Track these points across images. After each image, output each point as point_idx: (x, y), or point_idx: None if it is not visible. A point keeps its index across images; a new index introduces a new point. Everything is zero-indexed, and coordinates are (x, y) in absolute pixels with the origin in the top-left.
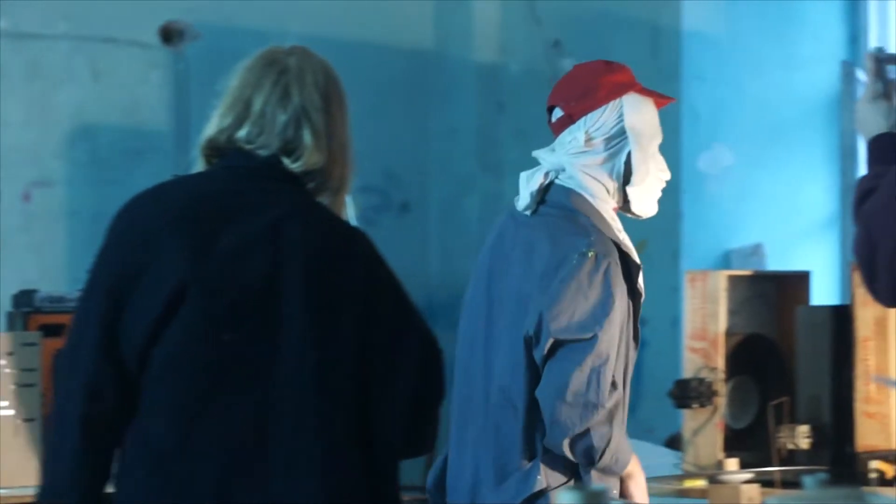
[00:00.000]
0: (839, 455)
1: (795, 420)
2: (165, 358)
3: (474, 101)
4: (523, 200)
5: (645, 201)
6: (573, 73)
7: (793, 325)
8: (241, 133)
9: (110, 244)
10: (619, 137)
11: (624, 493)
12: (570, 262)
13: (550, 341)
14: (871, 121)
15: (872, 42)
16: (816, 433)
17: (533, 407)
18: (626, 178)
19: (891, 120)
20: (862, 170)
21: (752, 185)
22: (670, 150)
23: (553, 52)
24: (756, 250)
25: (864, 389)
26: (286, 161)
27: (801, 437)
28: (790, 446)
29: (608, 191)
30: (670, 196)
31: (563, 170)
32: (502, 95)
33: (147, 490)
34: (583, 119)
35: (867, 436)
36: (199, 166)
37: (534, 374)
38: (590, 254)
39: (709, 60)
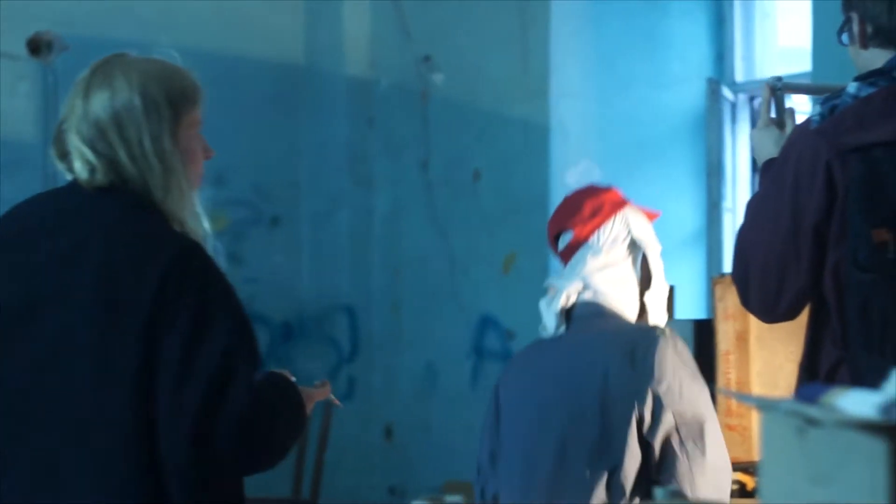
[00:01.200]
0: None
1: None
2: None
3: (345, 115)
4: (552, 324)
5: (660, 308)
6: (572, 200)
7: None
8: (62, 147)
9: None
10: (632, 247)
11: None
12: (653, 344)
13: (670, 416)
14: (762, 147)
15: (738, 60)
16: None
17: (637, 488)
18: (642, 285)
19: (781, 146)
20: (727, 186)
21: None
22: (539, 166)
23: (423, 68)
24: None
25: (725, 402)
26: (100, 175)
27: None
28: None
29: (631, 300)
30: (539, 211)
31: (586, 288)
32: (373, 110)
33: None
34: (596, 235)
35: (728, 448)
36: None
37: (644, 457)
38: (667, 331)
39: (577, 77)
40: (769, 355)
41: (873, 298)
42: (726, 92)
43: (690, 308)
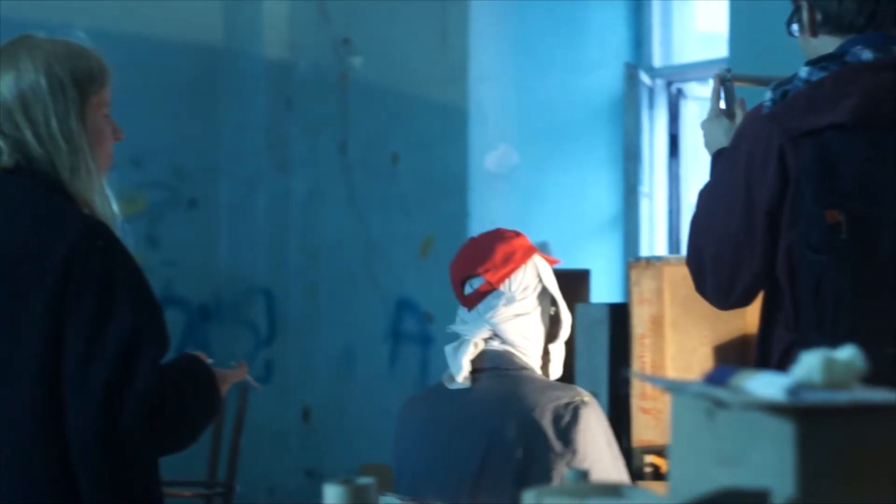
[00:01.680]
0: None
1: None
2: None
3: (263, 97)
4: (461, 373)
5: (560, 360)
6: (481, 244)
7: (573, 322)
8: None
9: None
10: (541, 296)
11: None
12: (577, 415)
13: None
14: (712, 137)
15: (655, 45)
16: None
17: None
18: (548, 336)
19: (731, 136)
20: (645, 171)
21: (539, 184)
22: (457, 149)
23: (342, 51)
24: (542, 248)
25: (640, 385)
26: (6, 156)
27: None
28: None
29: (538, 350)
30: (457, 195)
31: (495, 336)
32: (291, 92)
33: None
34: (507, 282)
35: (642, 431)
36: None
37: None
38: (586, 399)
39: (496, 61)
40: (684, 339)
41: (826, 280)
42: (644, 77)
43: (607, 292)
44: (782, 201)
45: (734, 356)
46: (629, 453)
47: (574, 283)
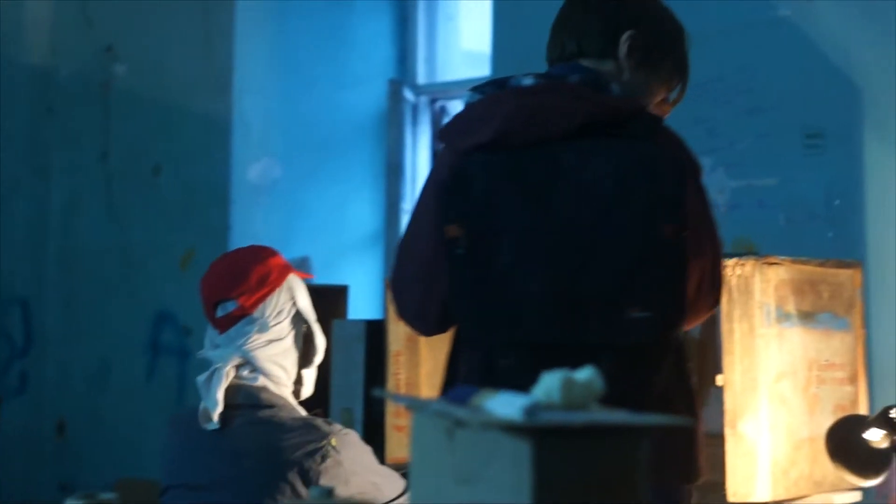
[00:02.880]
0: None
1: None
2: None
3: (23, 103)
4: (215, 407)
5: (312, 381)
6: (236, 264)
7: (330, 339)
8: None
9: None
10: (296, 319)
11: None
12: (323, 462)
13: None
14: None
15: (420, 62)
16: None
17: None
18: (301, 359)
19: None
20: (407, 187)
21: (301, 198)
22: (220, 161)
23: (105, 58)
24: (302, 263)
25: (394, 403)
26: None
27: None
28: None
29: (291, 375)
30: (219, 207)
31: (246, 364)
32: (52, 99)
33: None
34: (261, 307)
35: (396, 449)
36: None
37: None
38: (334, 442)
39: (261, 73)
40: (439, 356)
41: (453, 294)
42: (408, 93)
43: (366, 308)
44: None
45: None
46: None
47: (332, 298)
